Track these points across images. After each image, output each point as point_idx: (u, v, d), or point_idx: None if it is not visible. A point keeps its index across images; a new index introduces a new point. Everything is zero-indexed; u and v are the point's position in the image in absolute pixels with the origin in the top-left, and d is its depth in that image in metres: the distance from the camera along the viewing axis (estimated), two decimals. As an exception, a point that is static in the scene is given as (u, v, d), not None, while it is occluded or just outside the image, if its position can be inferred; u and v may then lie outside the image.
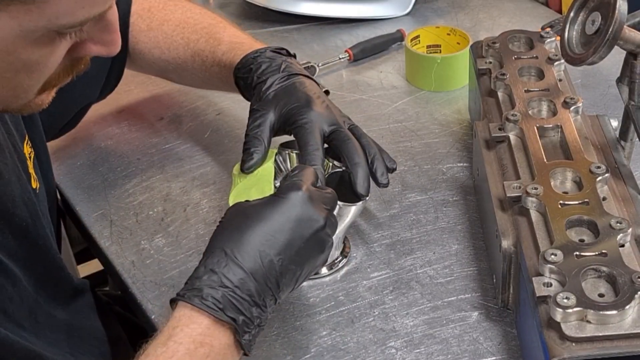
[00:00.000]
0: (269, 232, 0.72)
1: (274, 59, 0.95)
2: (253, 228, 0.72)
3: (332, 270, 0.91)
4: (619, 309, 0.67)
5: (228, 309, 0.69)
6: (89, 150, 1.14)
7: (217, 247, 0.71)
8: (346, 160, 0.86)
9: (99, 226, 1.00)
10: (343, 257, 0.92)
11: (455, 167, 1.05)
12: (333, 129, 0.88)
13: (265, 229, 0.72)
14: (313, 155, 0.84)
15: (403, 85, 1.23)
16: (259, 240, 0.71)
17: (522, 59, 1.01)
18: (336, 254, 0.92)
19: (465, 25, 1.36)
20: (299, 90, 0.91)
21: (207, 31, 1.04)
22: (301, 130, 0.87)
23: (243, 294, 0.69)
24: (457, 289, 0.88)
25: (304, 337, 0.84)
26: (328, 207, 0.76)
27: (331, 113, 0.90)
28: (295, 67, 0.94)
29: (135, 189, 1.06)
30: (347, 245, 0.93)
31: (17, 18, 0.58)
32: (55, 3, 0.58)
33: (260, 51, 0.96)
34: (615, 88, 0.88)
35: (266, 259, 0.71)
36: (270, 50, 0.96)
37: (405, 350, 0.81)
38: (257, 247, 0.71)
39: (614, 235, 0.74)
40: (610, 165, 0.84)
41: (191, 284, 0.70)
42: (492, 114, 0.96)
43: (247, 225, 0.72)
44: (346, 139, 0.87)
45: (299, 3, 1.39)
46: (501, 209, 0.83)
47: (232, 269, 0.70)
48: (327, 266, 0.91)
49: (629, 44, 0.82)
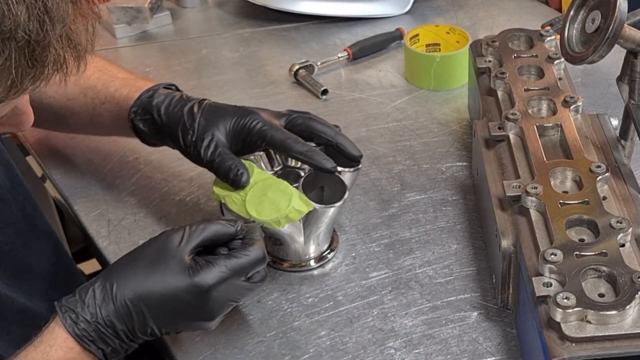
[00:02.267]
0: (158, 291, 0.73)
1: (173, 93, 0.92)
2: (147, 277, 0.73)
3: (320, 263, 0.91)
4: (619, 309, 0.66)
5: (98, 341, 0.72)
6: (86, 149, 1.13)
7: (111, 275, 0.74)
8: (323, 136, 0.86)
9: (96, 226, 1.00)
10: (331, 250, 0.92)
11: (454, 167, 1.05)
12: (286, 119, 0.88)
13: (158, 286, 0.73)
14: (297, 147, 0.84)
15: (402, 84, 1.23)
16: (143, 290, 0.72)
17: (522, 58, 1.01)
18: (324, 247, 0.92)
19: (464, 23, 1.36)
20: (224, 107, 0.89)
21: (100, 67, 0.98)
22: (267, 134, 0.85)
23: (111, 332, 0.73)
24: (457, 289, 0.87)
25: (303, 337, 0.83)
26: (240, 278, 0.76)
27: (268, 110, 0.89)
28: (193, 97, 0.91)
29: (132, 188, 1.06)
30: (335, 239, 0.94)
31: None
32: None
33: (153, 89, 0.92)
34: (615, 87, 0.88)
35: (139, 309, 0.72)
36: (163, 86, 0.93)
37: (404, 351, 0.81)
38: (138, 294, 0.72)
39: (614, 234, 0.74)
40: (611, 165, 0.84)
41: (75, 300, 0.73)
42: (491, 113, 0.95)
43: (144, 270, 0.73)
44: (307, 119, 0.87)
45: (297, 2, 1.38)
46: (501, 208, 0.82)
47: (108, 306, 0.72)
48: (314, 259, 0.91)
49: (629, 43, 0.82)
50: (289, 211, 0.82)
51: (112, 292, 0.72)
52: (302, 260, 0.91)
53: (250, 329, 0.85)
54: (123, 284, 0.72)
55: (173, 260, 0.73)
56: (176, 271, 0.72)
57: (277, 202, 0.82)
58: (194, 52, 1.35)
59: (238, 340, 0.83)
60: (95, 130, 1.04)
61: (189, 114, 0.88)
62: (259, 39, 1.38)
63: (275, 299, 0.88)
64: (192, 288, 0.72)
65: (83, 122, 1.00)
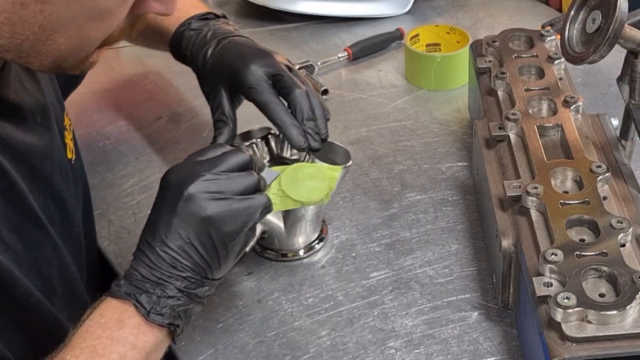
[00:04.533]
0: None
1: (200, 30, 0.96)
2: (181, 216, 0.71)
3: (310, 253, 0.92)
4: (620, 309, 0.66)
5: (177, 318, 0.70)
6: (87, 149, 1.13)
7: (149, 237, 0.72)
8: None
9: (97, 226, 1.00)
10: (320, 240, 0.93)
11: (454, 167, 1.05)
12: (275, 76, 0.89)
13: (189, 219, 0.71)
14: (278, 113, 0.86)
15: (402, 84, 1.23)
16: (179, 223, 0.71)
17: (522, 58, 1.01)
18: (313, 237, 0.93)
19: (464, 23, 1.36)
20: (231, 52, 0.92)
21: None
22: (252, 92, 0.88)
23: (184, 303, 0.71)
24: (457, 289, 0.87)
25: (303, 337, 0.83)
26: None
27: (266, 58, 0.90)
28: (221, 30, 0.95)
29: (133, 188, 1.06)
30: (324, 229, 0.94)
31: None
32: None
33: (187, 23, 0.97)
34: (615, 87, 0.88)
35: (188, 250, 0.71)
36: (196, 19, 0.97)
37: (404, 351, 0.81)
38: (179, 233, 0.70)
39: (614, 234, 0.74)
40: (611, 165, 0.84)
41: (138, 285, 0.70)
42: (492, 113, 0.95)
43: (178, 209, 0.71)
44: (291, 88, 0.88)
45: (298, 2, 1.38)
46: (501, 208, 0.82)
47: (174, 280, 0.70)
48: (304, 248, 0.92)
49: (629, 43, 0.82)
50: (329, 181, 0.82)
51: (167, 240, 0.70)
52: (291, 250, 0.92)
53: (250, 329, 0.85)
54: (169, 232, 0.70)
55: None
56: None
57: (313, 179, 0.82)
58: (194, 52, 1.35)
59: (239, 340, 0.84)
60: (152, 47, 1.10)
61: (203, 60, 0.93)
62: (259, 39, 1.37)
63: (275, 299, 0.88)
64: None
65: (148, 45, 1.09)
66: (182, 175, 0.72)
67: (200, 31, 0.96)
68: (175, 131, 1.15)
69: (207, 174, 0.71)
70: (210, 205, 0.71)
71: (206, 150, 0.75)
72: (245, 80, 0.88)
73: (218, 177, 0.72)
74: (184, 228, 0.70)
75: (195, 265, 0.71)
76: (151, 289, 0.69)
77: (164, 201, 0.72)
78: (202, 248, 0.71)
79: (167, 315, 0.69)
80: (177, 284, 0.70)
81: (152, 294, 0.69)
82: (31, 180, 0.75)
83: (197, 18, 0.97)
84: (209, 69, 0.92)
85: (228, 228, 0.72)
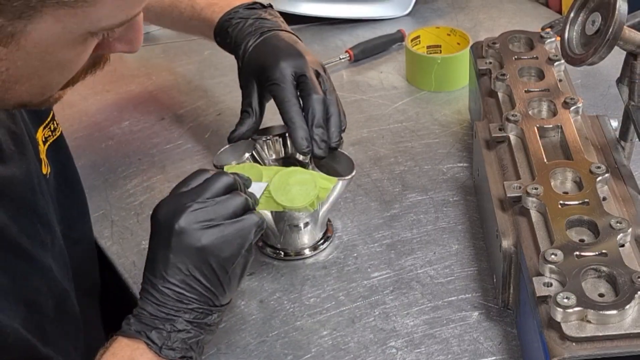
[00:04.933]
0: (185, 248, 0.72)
1: (246, 19, 0.96)
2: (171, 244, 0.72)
3: (316, 252, 0.93)
4: (619, 309, 0.67)
5: (189, 350, 0.72)
6: (89, 150, 1.14)
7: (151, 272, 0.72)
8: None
9: (99, 226, 1.00)
10: (326, 239, 0.94)
11: (455, 168, 1.05)
12: (301, 77, 0.90)
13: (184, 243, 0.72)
14: (290, 113, 0.87)
15: (403, 85, 1.23)
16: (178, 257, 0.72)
17: (522, 60, 1.01)
18: (319, 236, 0.93)
19: (465, 25, 1.36)
20: (268, 46, 0.93)
21: None
22: (274, 88, 0.89)
23: (194, 335, 0.72)
24: (458, 289, 0.88)
25: (305, 337, 0.84)
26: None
27: (297, 58, 0.91)
28: (267, 22, 0.96)
29: (136, 189, 1.06)
30: (329, 228, 0.95)
31: (62, 21, 0.59)
32: (100, 7, 0.60)
33: (233, 11, 0.98)
34: (615, 88, 0.89)
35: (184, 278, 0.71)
36: (244, 7, 0.98)
37: (405, 350, 0.81)
38: (176, 263, 0.71)
39: (614, 235, 0.74)
40: (610, 166, 0.84)
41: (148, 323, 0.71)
42: (492, 114, 0.96)
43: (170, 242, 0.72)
44: (309, 93, 0.89)
45: (299, 3, 1.39)
46: (501, 209, 0.83)
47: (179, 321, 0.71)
48: (310, 247, 0.92)
49: (629, 45, 0.82)
50: (319, 191, 0.83)
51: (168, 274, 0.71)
52: (297, 250, 0.92)
53: (252, 329, 0.85)
54: (172, 266, 0.71)
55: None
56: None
57: (303, 186, 0.83)
58: (197, 54, 1.36)
59: (240, 340, 0.84)
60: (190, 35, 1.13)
61: (243, 50, 0.94)
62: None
63: (277, 299, 0.88)
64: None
65: (178, 29, 1.11)
66: (170, 210, 0.72)
67: (246, 20, 0.96)
68: (178, 132, 1.16)
69: (193, 204, 0.72)
70: (203, 235, 0.71)
71: (188, 179, 0.75)
72: (272, 75, 0.89)
73: (205, 205, 0.72)
74: (182, 262, 0.71)
75: (200, 296, 0.72)
76: (161, 325, 0.70)
77: (158, 238, 0.72)
78: (204, 278, 0.71)
79: (179, 349, 0.70)
80: (186, 317, 0.71)
81: (162, 329, 0.70)
82: (17, 211, 0.76)
83: (244, 7, 0.98)
84: (246, 60, 0.94)
85: (225, 253, 0.72)
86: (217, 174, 0.75)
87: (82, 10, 0.59)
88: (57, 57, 0.63)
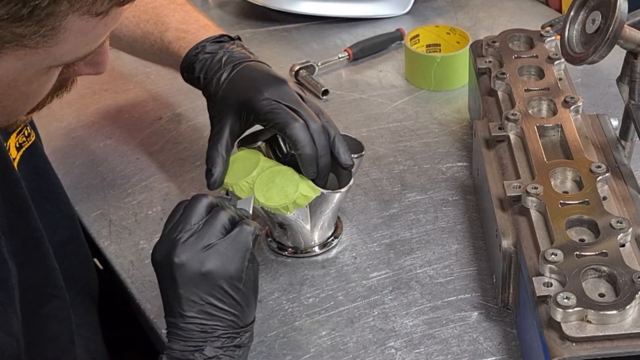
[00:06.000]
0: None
1: (215, 54, 0.93)
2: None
3: (325, 249, 0.93)
4: (620, 309, 0.66)
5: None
6: (87, 149, 1.13)
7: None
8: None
9: (97, 226, 1.00)
10: (335, 237, 0.94)
11: (455, 167, 1.05)
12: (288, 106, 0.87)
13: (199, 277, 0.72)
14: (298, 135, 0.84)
15: (402, 84, 1.23)
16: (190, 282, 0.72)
17: (522, 58, 1.01)
18: (328, 234, 0.93)
19: (464, 24, 1.36)
20: (244, 78, 0.89)
21: (157, 12, 1.01)
22: (270, 116, 0.86)
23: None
24: (457, 288, 0.87)
25: (304, 337, 0.84)
26: None
27: (282, 85, 0.88)
28: (237, 55, 0.92)
29: (134, 188, 1.06)
30: (339, 227, 0.95)
31: (23, 60, 0.58)
32: (62, 45, 0.58)
33: (201, 45, 0.94)
34: (615, 87, 0.88)
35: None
36: (211, 41, 0.94)
37: (405, 351, 0.81)
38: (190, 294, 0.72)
39: (614, 234, 0.74)
40: (611, 165, 0.84)
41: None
42: (492, 113, 0.96)
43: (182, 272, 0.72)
44: (307, 122, 0.86)
45: (298, 2, 1.39)
46: (501, 208, 0.82)
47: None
48: (319, 245, 0.93)
49: (629, 43, 0.82)
50: (297, 197, 0.83)
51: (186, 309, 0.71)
52: (306, 247, 0.92)
53: (251, 328, 0.85)
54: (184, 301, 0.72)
55: None
56: None
57: (285, 188, 0.83)
58: (195, 53, 1.35)
59: (239, 340, 0.84)
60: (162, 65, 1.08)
61: (216, 85, 0.91)
62: (259, 40, 1.38)
63: (276, 299, 0.88)
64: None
65: (150, 60, 1.07)
66: (163, 248, 0.73)
67: (215, 55, 0.93)
68: (176, 131, 1.16)
69: (182, 234, 0.72)
70: (203, 260, 0.71)
71: (171, 215, 0.76)
72: (259, 107, 0.86)
73: (193, 230, 0.73)
74: (193, 293, 0.71)
75: (222, 321, 0.72)
76: (191, 356, 0.70)
77: (163, 279, 0.73)
78: (219, 301, 0.72)
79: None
80: (215, 344, 0.71)
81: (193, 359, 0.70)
82: (10, 230, 0.76)
83: (211, 41, 0.94)
84: (221, 95, 0.90)
85: (231, 270, 0.72)
86: (194, 198, 0.75)
87: (43, 49, 0.58)
88: (20, 90, 0.62)
